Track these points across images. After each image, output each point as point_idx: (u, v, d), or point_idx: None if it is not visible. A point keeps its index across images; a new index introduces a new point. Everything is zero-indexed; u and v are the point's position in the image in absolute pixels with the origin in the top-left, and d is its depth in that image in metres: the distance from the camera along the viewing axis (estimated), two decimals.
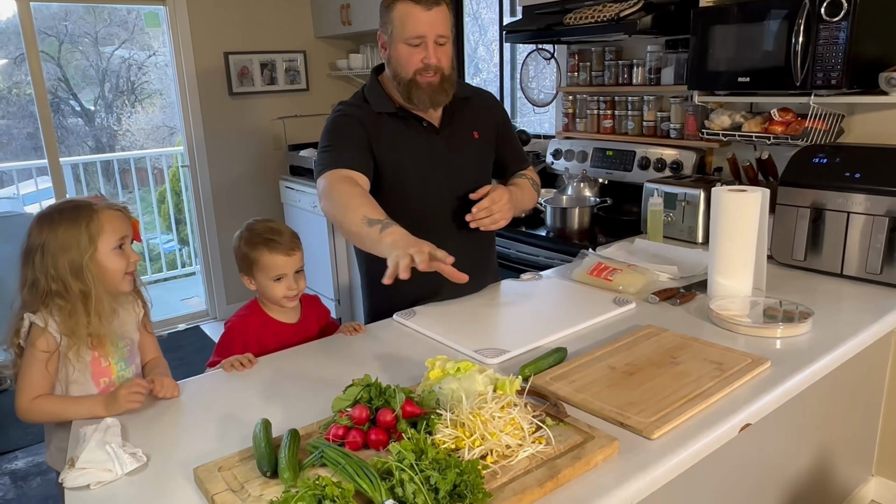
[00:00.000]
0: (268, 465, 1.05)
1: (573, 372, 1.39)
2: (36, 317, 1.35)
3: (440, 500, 0.92)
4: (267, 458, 1.06)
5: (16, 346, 1.36)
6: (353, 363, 1.53)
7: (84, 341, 1.37)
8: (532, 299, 1.90)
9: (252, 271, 1.68)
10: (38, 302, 1.35)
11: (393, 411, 1.12)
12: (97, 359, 1.41)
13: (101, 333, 1.38)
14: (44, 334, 1.34)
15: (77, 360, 1.37)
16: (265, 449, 1.08)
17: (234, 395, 1.41)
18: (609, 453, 1.10)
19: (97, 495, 1.07)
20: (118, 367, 1.44)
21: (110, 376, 1.43)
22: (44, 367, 1.33)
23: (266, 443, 1.10)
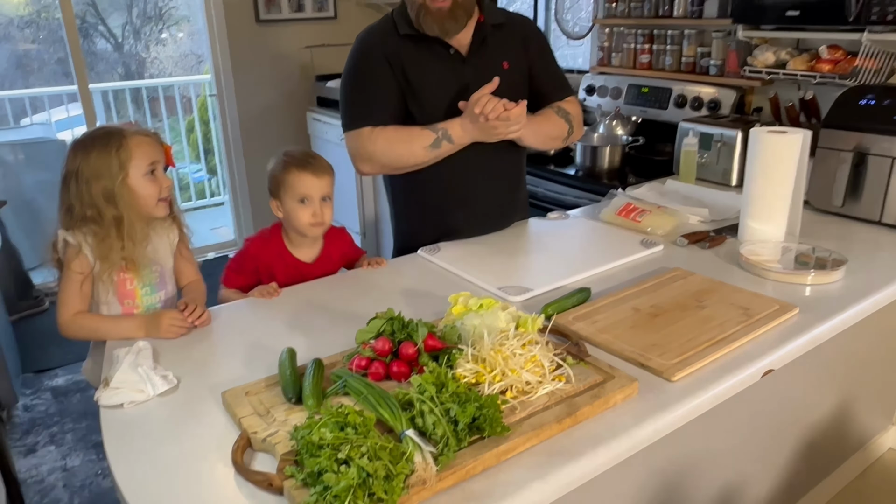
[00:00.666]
0: (292, 391, 1.08)
1: (596, 312, 1.39)
2: (69, 234, 1.39)
3: (459, 431, 0.94)
4: (292, 385, 1.09)
5: (55, 261, 1.41)
6: (376, 297, 1.55)
7: (116, 265, 1.40)
8: (558, 238, 1.88)
9: (280, 193, 1.66)
10: (74, 226, 1.39)
11: (415, 345, 1.14)
12: (123, 281, 1.45)
13: (134, 258, 1.41)
14: (78, 256, 1.38)
15: (106, 282, 1.41)
16: (290, 376, 1.11)
17: (260, 323, 1.44)
18: (628, 393, 1.10)
19: (130, 414, 1.12)
20: (143, 291, 1.48)
21: (134, 299, 1.47)
22: (79, 287, 1.38)
23: (291, 370, 1.12)
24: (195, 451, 1.02)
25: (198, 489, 0.93)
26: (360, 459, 0.85)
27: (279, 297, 1.56)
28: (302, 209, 1.64)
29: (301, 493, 0.87)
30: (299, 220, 1.65)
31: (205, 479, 0.95)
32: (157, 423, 1.10)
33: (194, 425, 1.08)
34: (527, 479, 0.93)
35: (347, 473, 0.83)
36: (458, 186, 1.82)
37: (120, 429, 1.08)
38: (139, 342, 1.29)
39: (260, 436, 1.00)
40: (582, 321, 1.35)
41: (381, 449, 0.88)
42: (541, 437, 1.00)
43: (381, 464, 0.85)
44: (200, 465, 0.98)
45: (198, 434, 1.06)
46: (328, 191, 1.67)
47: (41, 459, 2.49)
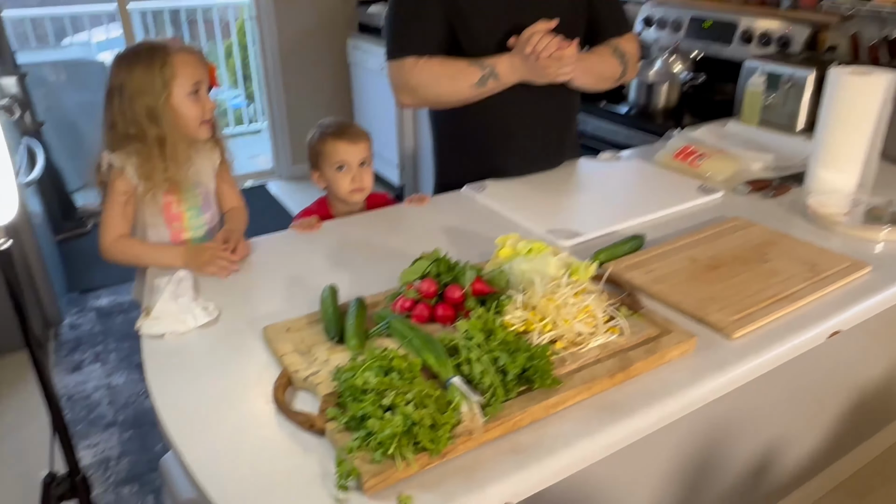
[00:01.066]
0: (335, 330, 1.05)
1: (651, 261, 1.32)
2: (113, 157, 1.36)
3: (508, 382, 0.90)
4: (334, 324, 1.06)
5: (99, 184, 1.39)
6: (419, 235, 1.50)
7: (160, 186, 1.37)
8: (610, 181, 1.79)
9: (319, 163, 1.66)
10: (117, 144, 1.36)
11: (462, 288, 1.09)
12: (169, 203, 1.42)
13: (177, 179, 1.38)
14: (121, 176, 1.35)
15: (151, 204, 1.39)
16: (332, 315, 1.07)
17: (301, 257, 1.41)
18: (685, 349, 1.05)
19: (171, 344, 1.11)
20: (190, 213, 1.45)
21: (181, 222, 1.45)
22: (122, 209, 1.36)
23: (333, 309, 1.09)
24: (236, 385, 1.00)
25: (239, 424, 0.92)
26: (406, 407, 0.82)
27: (320, 232, 1.53)
28: (341, 176, 1.63)
29: (343, 436, 0.85)
30: (340, 188, 1.64)
31: (246, 414, 0.94)
32: (197, 355, 1.08)
33: (235, 359, 1.06)
34: (575, 435, 0.89)
35: (392, 421, 0.80)
36: (506, 125, 1.73)
37: (161, 359, 1.07)
38: (180, 272, 1.27)
39: (301, 375, 0.98)
40: (635, 270, 1.28)
41: (427, 397, 0.85)
42: (591, 391, 0.95)
43: (426, 412, 0.82)
44: (241, 401, 0.97)
45: (238, 368, 1.04)
46: (365, 156, 1.65)
47: (86, 377, 2.57)
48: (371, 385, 0.86)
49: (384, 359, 0.90)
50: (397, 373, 0.88)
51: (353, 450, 0.81)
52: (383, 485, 0.80)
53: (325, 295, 1.13)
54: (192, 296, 1.19)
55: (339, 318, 1.07)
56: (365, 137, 1.67)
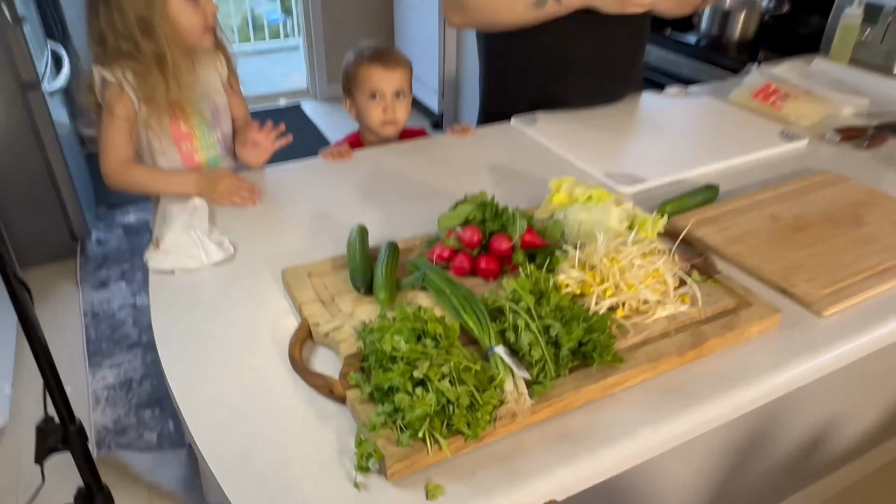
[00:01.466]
0: (362, 280, 0.92)
1: (726, 217, 1.15)
2: (105, 70, 1.20)
3: (561, 358, 0.76)
4: (361, 272, 0.93)
5: (93, 103, 1.24)
6: (461, 171, 1.34)
7: (164, 109, 1.23)
8: (678, 120, 1.59)
9: (352, 89, 1.52)
10: (110, 60, 1.20)
11: (510, 239, 0.94)
12: (176, 122, 1.28)
13: (181, 102, 1.24)
14: (120, 97, 1.20)
15: (159, 128, 1.25)
16: (360, 261, 0.94)
17: (329, 189, 1.27)
18: (767, 326, 0.89)
19: (181, 281, 0.99)
20: (200, 132, 1.31)
21: (192, 141, 1.31)
22: (126, 134, 1.22)
23: (361, 254, 0.96)
24: (249, 335, 0.88)
25: (248, 383, 0.81)
26: (441, 382, 0.69)
27: (352, 162, 1.38)
28: (373, 105, 1.48)
29: (366, 408, 0.73)
30: (371, 118, 1.49)
31: (257, 371, 0.83)
32: (208, 295, 0.97)
33: (250, 304, 0.95)
34: (635, 423, 0.76)
35: (425, 398, 0.68)
36: (566, 52, 1.52)
37: (168, 298, 0.96)
38: (195, 200, 1.15)
39: (322, 329, 0.86)
40: (708, 226, 1.12)
41: (466, 370, 0.72)
42: (656, 371, 0.82)
43: (465, 389, 0.70)
44: (253, 354, 0.85)
45: (253, 315, 0.92)
46: (401, 85, 1.49)
47: (112, 294, 2.53)
48: (401, 352, 0.73)
49: (418, 320, 0.77)
50: (432, 338, 0.75)
51: (376, 427, 0.69)
52: (409, 470, 0.68)
53: (353, 237, 0.99)
54: (206, 228, 1.07)
55: (368, 264, 0.94)
56: (403, 65, 1.49)
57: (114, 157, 1.23)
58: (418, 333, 0.76)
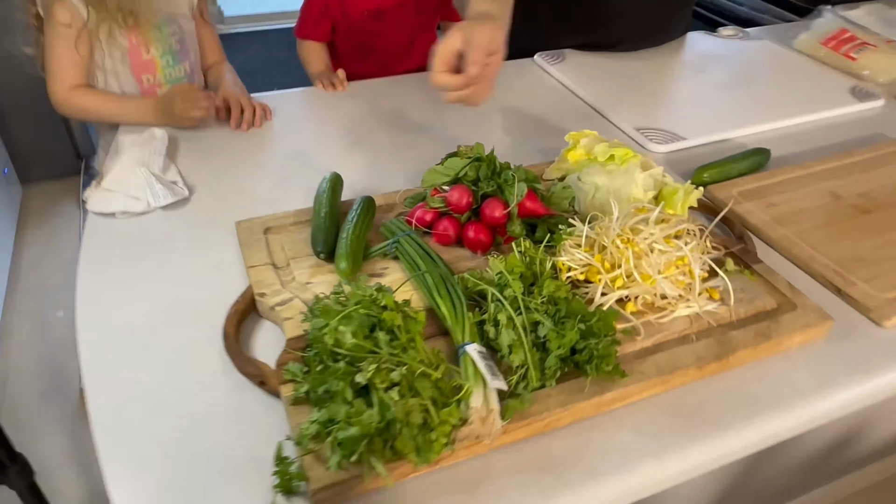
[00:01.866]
0: (323, 243, 0.76)
1: (775, 189, 0.96)
2: None
3: (547, 367, 0.61)
4: (324, 233, 0.77)
5: (33, 15, 1.07)
6: (468, 113, 1.15)
7: (114, 16, 1.06)
8: (730, 67, 1.36)
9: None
10: None
11: (506, 205, 0.78)
12: (136, 47, 1.11)
13: (136, 9, 1.06)
14: (62, 2, 1.03)
15: (111, 45, 1.08)
16: (325, 219, 0.79)
17: (314, 126, 1.11)
18: (813, 336, 0.72)
19: (121, 227, 0.86)
20: (164, 61, 1.14)
21: (154, 73, 1.14)
22: (72, 48, 1.05)
23: (329, 209, 0.80)
24: (189, 300, 0.75)
25: (175, 359, 0.68)
26: (389, 393, 0.55)
27: (345, 94, 1.21)
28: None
29: (299, 411, 0.59)
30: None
31: (188, 346, 0.69)
32: (150, 247, 0.83)
33: (197, 262, 0.80)
34: (635, 451, 0.61)
35: (363, 415, 0.53)
36: None
37: (102, 247, 0.83)
38: (154, 130, 1.00)
39: (268, 301, 0.71)
40: (752, 200, 0.93)
41: (423, 378, 0.57)
42: (668, 385, 0.66)
43: (417, 403, 0.55)
44: (189, 325, 0.71)
45: (199, 276, 0.78)
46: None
47: None
48: (345, 346, 0.58)
49: (373, 306, 0.62)
50: (388, 332, 0.61)
51: (304, 439, 0.56)
52: (340, 498, 0.55)
53: (323, 188, 0.84)
54: (160, 165, 0.92)
55: (335, 223, 0.79)
56: None
57: (62, 79, 1.07)
58: (372, 323, 0.61)
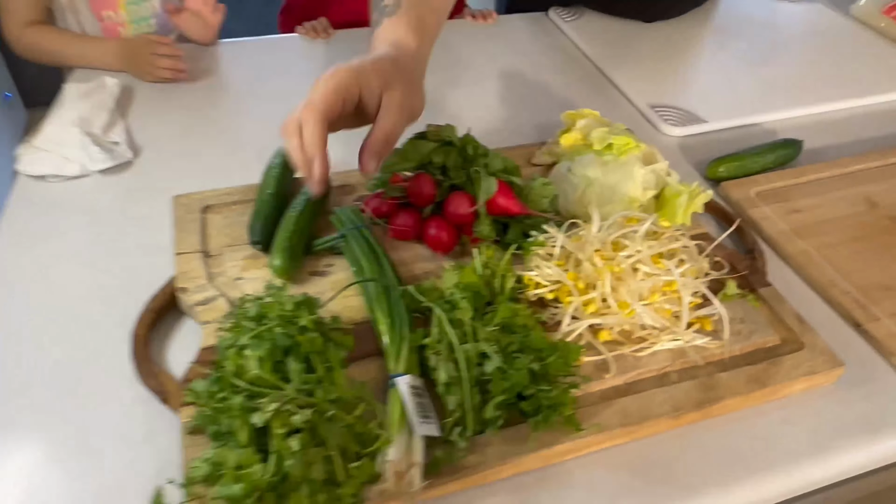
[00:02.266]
0: (261, 231, 0.67)
1: (801, 191, 0.83)
2: None
3: (488, 412, 0.52)
4: (263, 220, 0.68)
5: None
6: (466, 74, 1.03)
7: None
8: (772, 35, 1.20)
9: None
10: None
11: (473, 200, 0.67)
12: None
13: None
14: None
15: None
16: (269, 202, 0.69)
17: (291, 82, 1.00)
18: (819, 382, 0.62)
19: (53, 192, 0.77)
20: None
21: (115, 8, 1.03)
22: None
23: (276, 191, 0.70)
24: (110, 286, 0.66)
25: (73, 355, 0.60)
26: (287, 441, 0.46)
27: (329, 43, 1.08)
28: None
29: (195, 442, 0.51)
30: None
31: (95, 343, 0.61)
32: (80, 216, 0.74)
33: (129, 239, 0.72)
34: None
35: (251, 470, 0.45)
36: None
37: (28, 213, 0.75)
38: (106, 78, 0.90)
39: (190, 297, 0.63)
40: (772, 203, 0.81)
41: (332, 425, 0.48)
42: (632, 435, 0.56)
43: (320, 456, 0.46)
44: (100, 317, 0.64)
45: (128, 256, 0.70)
46: None
47: None
48: (246, 377, 0.50)
49: (290, 325, 0.53)
50: (302, 360, 0.52)
51: (192, 481, 0.48)
52: None
53: (275, 163, 0.74)
54: (104, 121, 0.83)
55: (280, 208, 0.69)
56: None
57: (15, 16, 0.97)
58: (286, 347, 0.52)
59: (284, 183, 0.72)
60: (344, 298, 0.63)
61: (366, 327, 0.61)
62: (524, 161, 0.83)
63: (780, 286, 0.69)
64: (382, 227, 0.69)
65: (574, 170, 0.74)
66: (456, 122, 0.72)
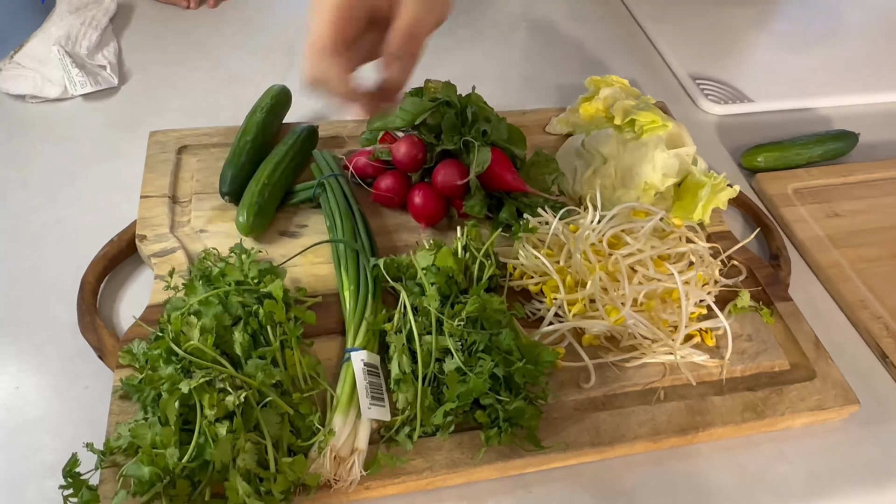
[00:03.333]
0: (231, 181, 0.61)
1: (847, 192, 0.74)
2: None
3: (435, 420, 0.46)
4: (236, 168, 0.62)
5: None
6: (493, 21, 0.94)
7: None
8: (837, 9, 1.06)
9: None
10: None
11: (465, 170, 0.60)
12: None
13: None
14: None
15: None
16: (244, 151, 0.63)
17: (295, 8, 0.92)
18: (827, 417, 0.55)
19: (32, 113, 0.73)
20: None
21: None
22: None
23: (254, 138, 0.64)
24: (72, 222, 0.63)
25: (18, 295, 0.57)
26: (215, 426, 0.42)
27: None
28: None
29: (124, 408, 0.48)
30: None
31: (44, 285, 0.58)
32: (55, 144, 0.70)
33: (102, 173, 0.67)
34: None
35: (166, 451, 0.41)
36: None
37: (2, 132, 0.70)
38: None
39: (148, 247, 0.58)
40: (810, 203, 0.72)
41: (268, 412, 0.44)
42: (604, 455, 0.51)
43: (251, 445, 0.42)
44: (56, 256, 0.60)
45: (98, 192, 0.66)
46: None
47: None
48: (185, 346, 0.45)
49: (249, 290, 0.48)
50: (253, 330, 0.47)
51: (110, 450, 0.44)
52: None
53: (260, 106, 0.67)
54: (93, 40, 0.77)
55: (256, 158, 0.63)
56: None
57: None
58: (240, 314, 0.48)
59: (267, 130, 0.66)
60: (313, 266, 0.58)
61: (335, 299, 0.56)
62: (539, 128, 0.75)
63: (803, 301, 0.61)
64: (367, 190, 0.63)
65: (588, 144, 0.67)
66: (469, 76, 0.65)
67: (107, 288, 0.58)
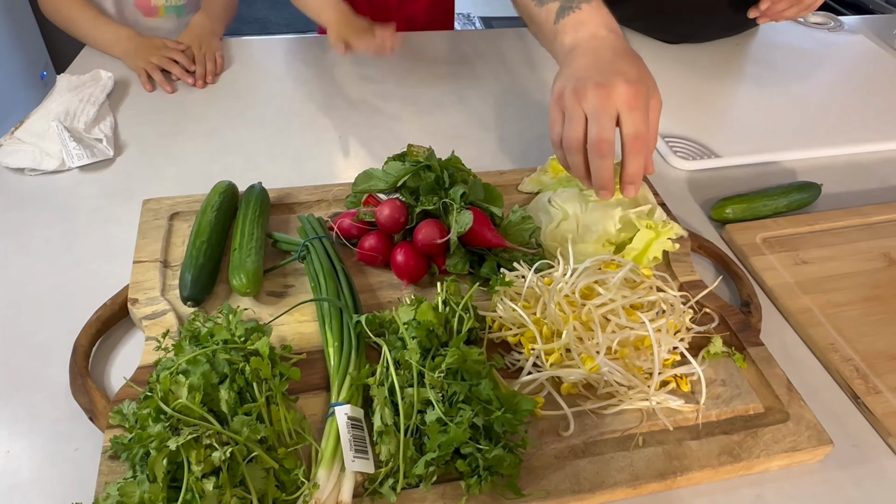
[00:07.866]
0: (191, 285, 0.60)
1: (813, 240, 0.77)
2: None
3: (417, 470, 0.48)
4: (193, 270, 0.60)
5: None
6: (466, 85, 0.99)
7: None
8: (805, 66, 1.13)
9: None
10: None
11: (445, 229, 0.63)
12: None
13: None
14: None
15: None
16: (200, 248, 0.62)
17: (289, 84, 0.97)
18: (802, 459, 0.56)
19: (30, 185, 0.76)
20: None
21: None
22: None
23: (210, 234, 0.66)
24: (68, 289, 0.65)
25: (15, 362, 0.58)
26: (202, 482, 0.43)
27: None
28: None
29: (114, 468, 0.49)
30: None
31: (41, 348, 0.59)
32: (53, 213, 0.73)
33: (96, 240, 0.70)
34: None
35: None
36: None
37: (2, 203, 0.73)
38: (101, 71, 0.89)
39: (140, 310, 0.60)
40: (779, 251, 0.75)
41: (254, 467, 0.45)
42: (585, 502, 0.52)
43: (236, 501, 0.43)
44: (51, 321, 0.62)
45: (92, 258, 0.68)
46: None
47: None
48: (173, 405, 0.47)
49: (235, 349, 0.50)
50: (240, 388, 0.49)
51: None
52: None
53: (211, 204, 0.68)
54: (91, 115, 0.81)
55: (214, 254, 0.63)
56: None
57: None
58: (227, 372, 0.49)
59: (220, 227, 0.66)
60: (299, 324, 0.60)
61: (320, 356, 0.58)
62: (513, 187, 0.78)
63: (775, 346, 0.64)
64: (351, 249, 0.66)
65: (554, 201, 0.70)
66: (452, 140, 0.68)
67: (99, 350, 0.59)
